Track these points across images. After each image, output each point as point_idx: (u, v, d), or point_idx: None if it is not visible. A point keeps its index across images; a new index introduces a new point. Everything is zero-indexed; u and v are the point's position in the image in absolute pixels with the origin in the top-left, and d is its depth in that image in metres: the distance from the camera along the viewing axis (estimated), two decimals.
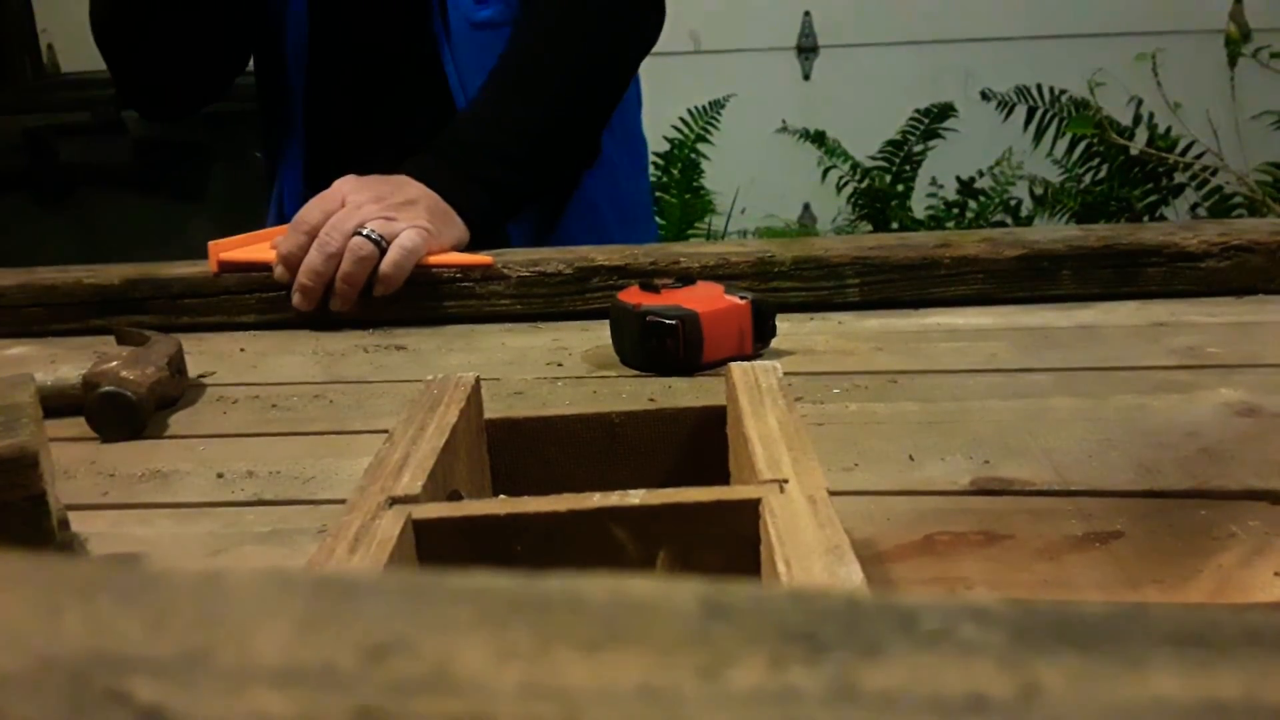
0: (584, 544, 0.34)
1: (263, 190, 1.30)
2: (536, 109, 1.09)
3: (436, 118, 1.07)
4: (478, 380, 0.48)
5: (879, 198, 2.75)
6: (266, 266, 0.95)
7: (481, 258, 0.96)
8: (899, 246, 0.95)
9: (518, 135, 1.07)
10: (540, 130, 1.09)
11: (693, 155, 2.93)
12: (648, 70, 1.23)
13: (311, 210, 0.94)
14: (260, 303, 0.98)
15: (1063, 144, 2.51)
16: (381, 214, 0.93)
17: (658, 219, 2.29)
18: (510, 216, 1.10)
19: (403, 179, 0.99)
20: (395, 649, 0.15)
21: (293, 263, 0.92)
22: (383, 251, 0.91)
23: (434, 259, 0.96)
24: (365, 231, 0.91)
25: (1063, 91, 2.50)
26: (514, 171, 1.06)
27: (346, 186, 0.97)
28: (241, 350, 0.91)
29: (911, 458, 0.59)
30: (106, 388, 0.69)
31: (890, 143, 2.86)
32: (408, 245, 0.91)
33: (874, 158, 2.88)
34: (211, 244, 0.97)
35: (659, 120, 2.64)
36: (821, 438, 0.62)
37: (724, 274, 0.93)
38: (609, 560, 0.35)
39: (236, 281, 0.98)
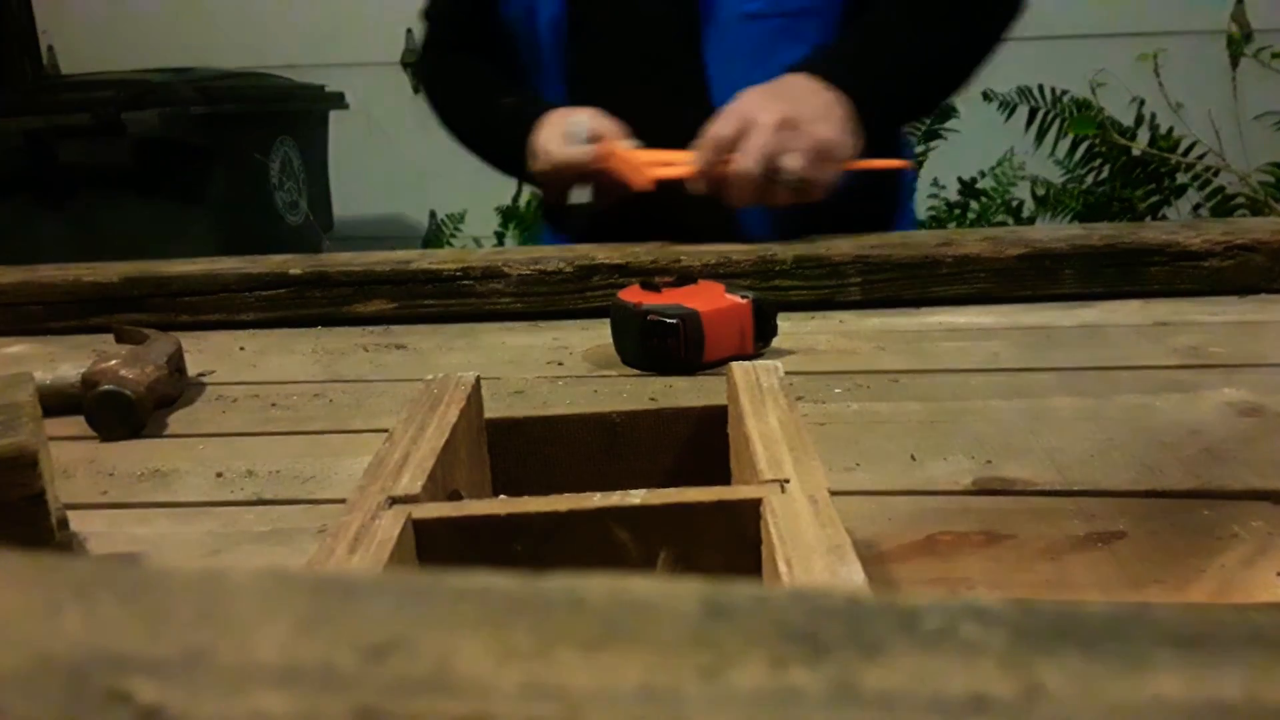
0: (585, 544, 0.34)
1: (262, 192, 1.31)
2: (921, 34, 1.12)
3: (692, 112, 1.08)
4: (478, 379, 0.48)
5: None
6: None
7: (900, 161, 1.05)
8: (900, 245, 0.95)
9: (906, 53, 1.11)
10: (922, 68, 1.13)
11: None
12: None
13: (724, 125, 0.98)
14: (260, 301, 0.98)
15: (1064, 145, 2.50)
16: (796, 144, 0.96)
17: None
18: (886, 129, 1.14)
19: (799, 84, 1.02)
20: (395, 649, 0.15)
21: (711, 175, 0.98)
22: (801, 186, 0.96)
23: (856, 164, 1.02)
24: (785, 175, 0.96)
25: (1064, 92, 2.49)
26: (896, 92, 1.11)
27: (749, 105, 0.99)
28: (241, 349, 0.91)
29: (913, 457, 0.59)
30: (106, 386, 0.69)
31: None
32: (828, 186, 0.98)
33: None
34: (636, 159, 1.03)
35: None
36: (823, 437, 0.62)
37: (725, 273, 0.93)
38: (610, 560, 0.35)
39: (236, 280, 0.98)
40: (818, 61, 1.05)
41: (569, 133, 1.08)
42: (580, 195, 1.10)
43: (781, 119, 0.96)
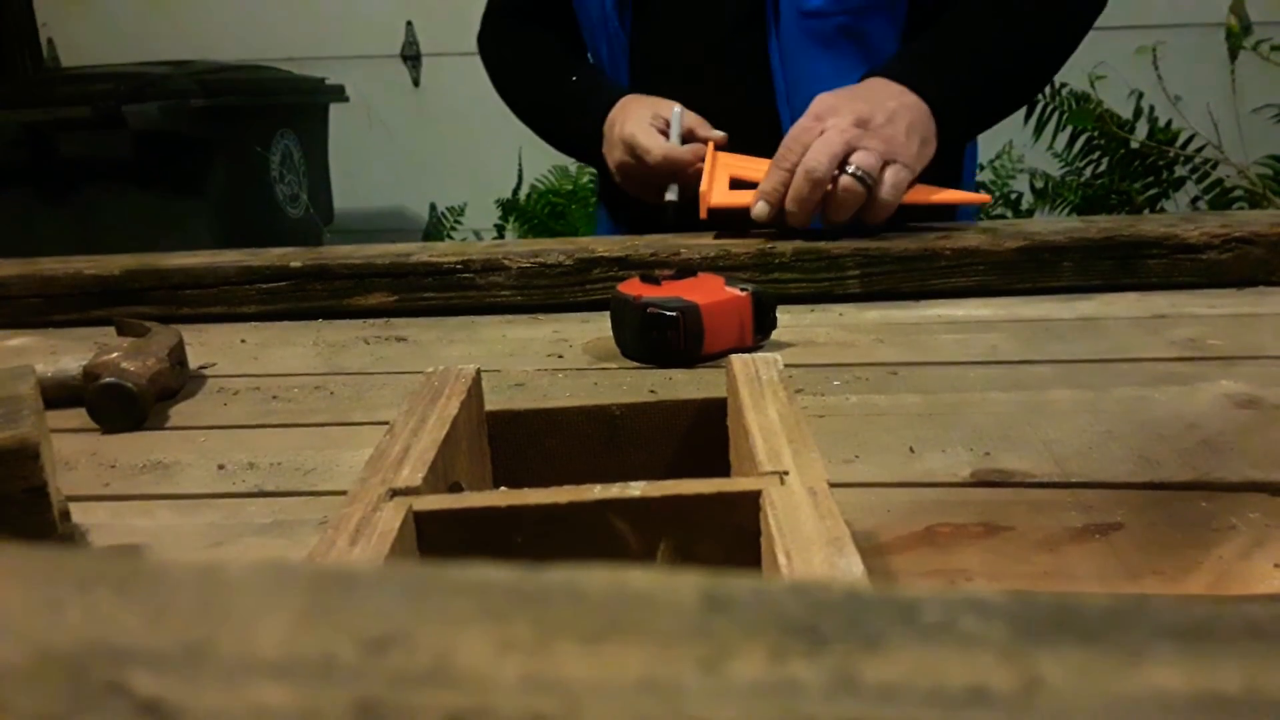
0: (584, 536, 0.34)
1: (262, 184, 1.31)
2: (1008, 33, 1.08)
3: (755, 105, 1.07)
4: (478, 372, 0.48)
5: None
6: (747, 209, 0.97)
7: (981, 196, 0.99)
8: (899, 238, 0.95)
9: (993, 54, 1.07)
10: (1008, 58, 1.08)
11: None
12: None
13: (793, 146, 0.95)
14: (261, 294, 0.98)
15: (1063, 137, 2.50)
16: (867, 144, 0.93)
17: None
18: (967, 136, 1.10)
19: (878, 87, 0.99)
20: (395, 641, 0.15)
21: (775, 198, 0.94)
22: (868, 187, 0.92)
23: (936, 196, 0.98)
24: (853, 170, 0.92)
25: (1063, 85, 2.49)
26: (986, 88, 1.06)
27: (824, 107, 0.97)
28: (242, 341, 0.91)
29: (912, 449, 0.59)
30: (107, 379, 0.69)
31: None
32: (893, 197, 0.93)
33: None
34: (701, 191, 0.98)
35: None
36: (822, 430, 0.62)
37: (725, 265, 0.93)
38: (609, 552, 0.35)
39: (237, 272, 0.98)
40: (900, 64, 1.03)
41: (668, 129, 1.07)
42: (673, 192, 1.08)
43: (856, 119, 0.94)
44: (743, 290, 0.79)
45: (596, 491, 0.35)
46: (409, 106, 3.08)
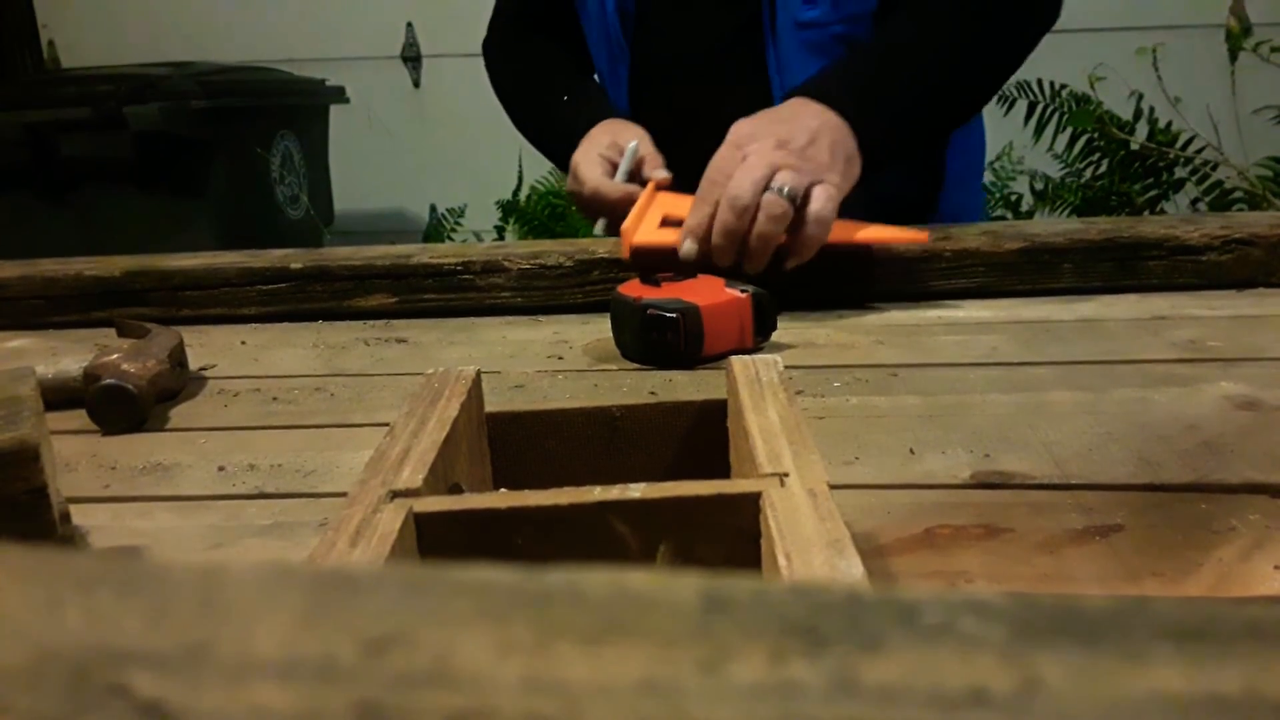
0: (584, 537, 0.35)
1: (263, 186, 1.32)
2: (938, 51, 1.03)
3: (750, 112, 1.05)
4: (478, 373, 0.48)
5: None
6: (674, 249, 0.90)
7: (917, 234, 0.92)
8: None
9: (919, 73, 1.02)
10: (935, 75, 1.03)
11: None
12: None
13: (715, 178, 0.89)
14: (261, 295, 0.98)
15: (1063, 139, 2.50)
16: (791, 164, 0.88)
17: None
18: (895, 152, 1.03)
19: (798, 108, 0.95)
20: (396, 642, 0.15)
21: (701, 234, 0.88)
22: (795, 206, 0.86)
23: (867, 235, 0.91)
24: (777, 187, 0.86)
25: (1063, 86, 2.49)
26: (908, 102, 1.01)
27: (742, 135, 0.92)
28: (242, 343, 0.91)
29: (912, 451, 0.59)
30: (107, 380, 0.69)
31: None
32: (823, 215, 0.87)
33: None
34: (623, 228, 0.92)
35: None
36: (822, 431, 0.62)
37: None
38: (609, 554, 0.35)
39: (238, 274, 0.98)
40: (819, 82, 0.99)
41: (617, 162, 1.06)
42: (600, 227, 1.07)
43: (777, 142, 0.90)
44: (743, 292, 0.79)
45: (597, 493, 0.35)
46: (409, 108, 3.08)
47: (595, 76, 1.29)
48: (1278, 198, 2.33)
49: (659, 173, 1.03)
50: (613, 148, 1.08)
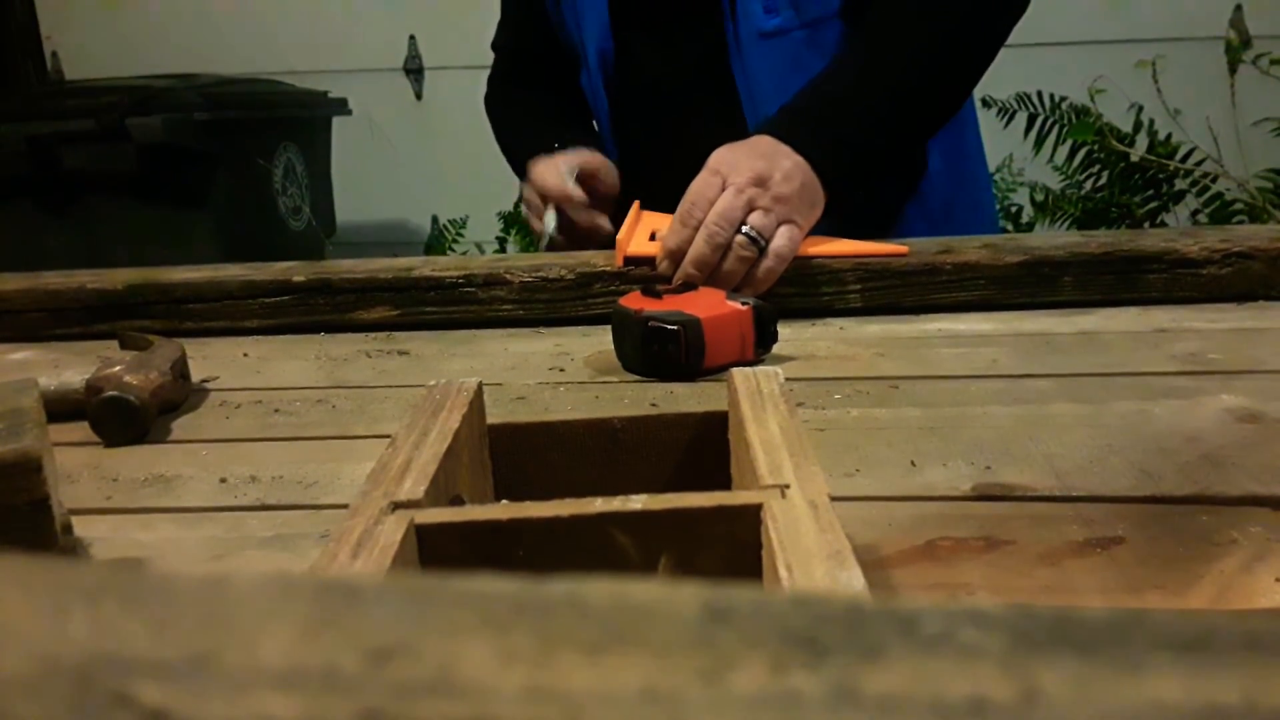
0: (586, 549, 0.35)
1: (265, 197, 1.34)
2: (902, 71, 1.04)
3: (725, 128, 1.06)
4: (480, 385, 0.48)
5: None
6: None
7: (896, 248, 0.96)
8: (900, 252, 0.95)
9: (883, 95, 1.03)
10: (904, 92, 1.05)
11: None
12: None
13: (697, 202, 0.94)
14: (263, 308, 0.98)
15: (1063, 151, 2.51)
16: (764, 204, 0.93)
17: None
18: (865, 182, 1.06)
19: (774, 148, 0.97)
20: (398, 652, 0.15)
21: (677, 257, 0.93)
22: (761, 250, 0.92)
23: (843, 249, 0.96)
24: (747, 230, 0.91)
25: (1063, 98, 2.50)
26: (877, 133, 1.03)
27: (722, 162, 0.95)
28: (244, 355, 0.91)
29: (913, 463, 0.59)
30: (110, 392, 0.69)
31: None
32: (783, 252, 0.92)
33: None
34: (618, 239, 0.98)
35: None
36: (823, 443, 0.62)
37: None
38: (611, 565, 0.35)
39: (240, 287, 0.98)
40: (784, 121, 1.00)
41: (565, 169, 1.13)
42: (551, 221, 1.13)
43: (755, 176, 0.93)
44: (744, 304, 0.79)
45: (598, 505, 0.35)
46: (411, 119, 3.09)
47: (594, 123, 1.32)
48: (1278, 210, 2.34)
49: (609, 177, 1.15)
50: (570, 162, 1.15)
